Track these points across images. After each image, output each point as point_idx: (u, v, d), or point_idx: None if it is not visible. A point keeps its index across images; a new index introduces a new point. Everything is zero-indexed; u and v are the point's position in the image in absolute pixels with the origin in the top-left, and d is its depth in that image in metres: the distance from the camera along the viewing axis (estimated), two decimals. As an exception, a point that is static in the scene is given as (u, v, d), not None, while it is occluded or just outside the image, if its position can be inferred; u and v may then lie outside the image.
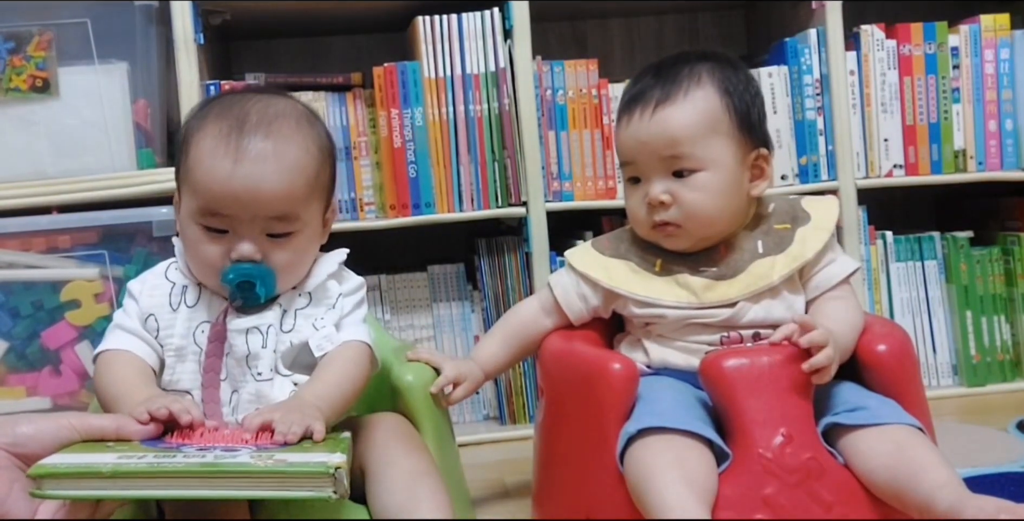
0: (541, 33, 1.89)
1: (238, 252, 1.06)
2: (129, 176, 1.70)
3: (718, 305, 1.18)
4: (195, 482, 0.87)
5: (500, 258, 1.85)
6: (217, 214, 1.06)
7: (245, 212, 1.06)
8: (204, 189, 1.06)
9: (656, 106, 1.18)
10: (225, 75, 1.85)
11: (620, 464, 1.07)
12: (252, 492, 0.88)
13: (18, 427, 0.92)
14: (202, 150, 1.07)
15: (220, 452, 0.91)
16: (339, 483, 0.88)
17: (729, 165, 1.18)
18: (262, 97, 1.12)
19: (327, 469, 0.87)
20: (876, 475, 1.03)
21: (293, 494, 0.88)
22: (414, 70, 1.79)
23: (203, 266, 1.09)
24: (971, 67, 1.91)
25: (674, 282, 1.20)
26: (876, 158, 1.89)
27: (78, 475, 0.86)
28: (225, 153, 1.05)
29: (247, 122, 1.07)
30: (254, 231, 1.07)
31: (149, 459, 0.88)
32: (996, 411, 1.77)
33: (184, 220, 1.10)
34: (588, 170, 1.85)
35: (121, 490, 0.87)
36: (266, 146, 1.06)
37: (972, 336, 1.92)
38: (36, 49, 1.70)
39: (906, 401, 1.12)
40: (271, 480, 0.87)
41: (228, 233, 1.07)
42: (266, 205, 1.06)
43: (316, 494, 0.88)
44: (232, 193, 1.05)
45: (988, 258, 1.93)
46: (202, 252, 1.08)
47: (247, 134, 1.06)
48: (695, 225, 1.19)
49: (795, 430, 1.05)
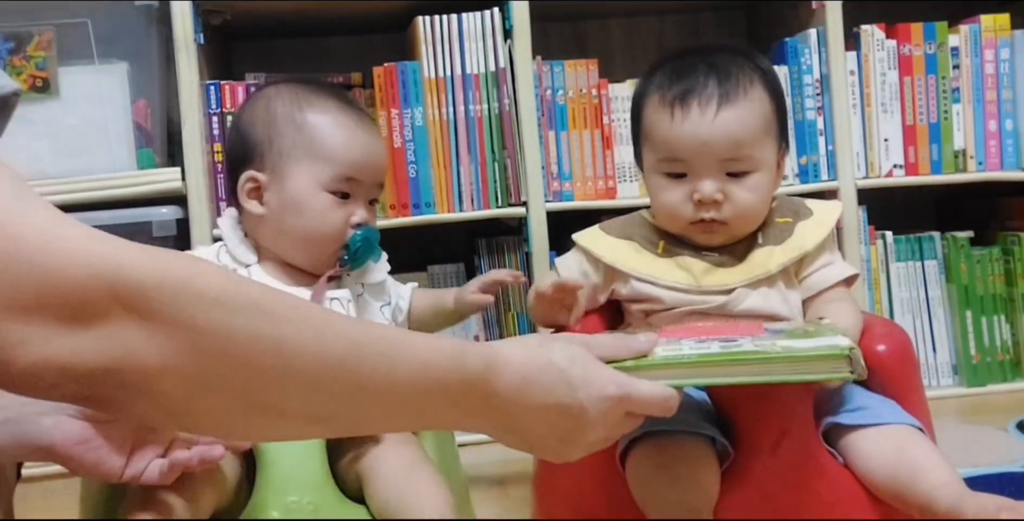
0: (541, 33, 1.88)
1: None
2: (129, 176, 1.70)
3: (715, 291, 1.18)
4: (727, 369, 0.90)
5: (500, 258, 1.85)
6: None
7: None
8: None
9: (719, 106, 1.15)
10: (225, 75, 1.85)
11: (621, 464, 1.07)
12: (774, 377, 0.90)
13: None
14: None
15: (721, 343, 0.94)
16: (856, 363, 0.89)
17: (772, 165, 1.19)
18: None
19: (841, 350, 0.89)
20: (876, 475, 1.03)
21: (809, 377, 0.91)
22: (414, 70, 1.79)
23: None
24: (971, 67, 1.91)
25: (674, 264, 1.20)
26: (876, 158, 1.89)
27: (664, 366, 0.90)
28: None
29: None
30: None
31: (686, 351, 0.92)
32: (996, 411, 1.76)
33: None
34: (588, 170, 1.85)
35: (689, 379, 0.91)
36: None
37: (972, 336, 1.92)
38: (36, 49, 1.70)
39: (906, 401, 1.11)
40: (788, 364, 0.90)
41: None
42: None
43: (832, 375, 0.90)
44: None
45: (988, 258, 1.93)
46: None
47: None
48: (741, 223, 1.18)
49: (796, 430, 1.05)
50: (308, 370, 0.67)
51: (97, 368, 0.58)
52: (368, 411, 0.73)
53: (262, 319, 0.64)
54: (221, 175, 1.77)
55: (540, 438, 0.83)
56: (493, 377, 0.78)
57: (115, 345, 0.58)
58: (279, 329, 0.65)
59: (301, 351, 0.66)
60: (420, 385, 0.74)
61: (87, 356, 0.57)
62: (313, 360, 0.67)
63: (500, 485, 1.51)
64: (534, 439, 0.83)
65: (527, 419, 0.81)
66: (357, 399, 0.71)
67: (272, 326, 0.65)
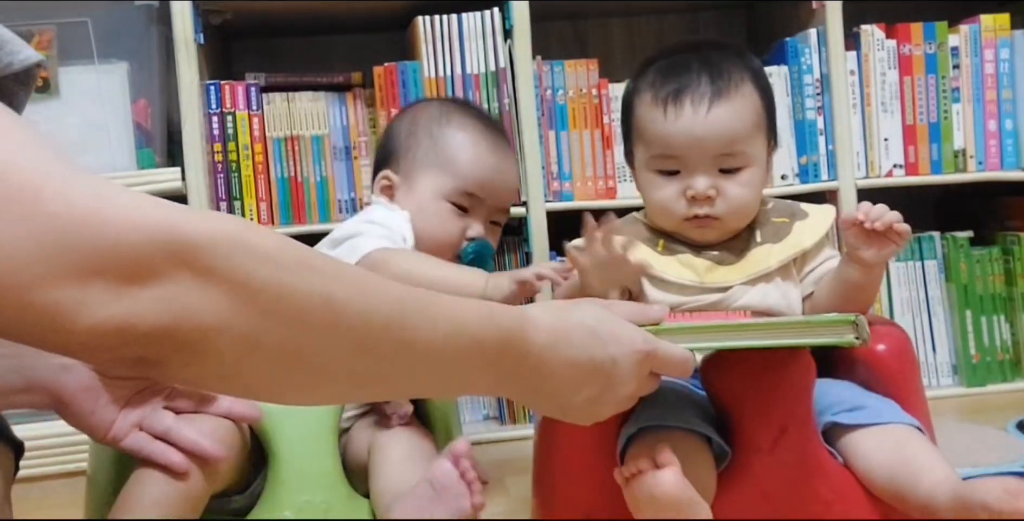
0: (541, 33, 1.88)
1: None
2: (129, 176, 1.70)
3: (717, 288, 1.18)
4: (739, 334, 0.96)
5: (500, 258, 1.85)
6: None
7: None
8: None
9: (712, 102, 1.16)
10: (225, 75, 1.85)
11: (620, 463, 1.07)
12: (783, 340, 0.95)
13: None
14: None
15: (724, 320, 1.01)
16: (861, 329, 0.92)
17: (763, 161, 1.20)
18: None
19: (848, 318, 0.93)
20: (876, 475, 1.03)
21: (817, 340, 0.94)
22: (414, 70, 1.79)
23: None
24: (971, 67, 1.91)
25: (677, 261, 1.20)
26: (876, 158, 1.89)
27: (679, 331, 0.94)
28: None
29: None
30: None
31: (697, 323, 0.99)
32: (996, 411, 1.76)
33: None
34: (588, 170, 1.85)
35: (703, 342, 0.95)
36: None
37: (972, 336, 1.91)
38: (36, 49, 1.69)
39: (906, 401, 1.11)
40: (796, 330, 0.95)
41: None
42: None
43: (839, 340, 0.93)
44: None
45: (988, 258, 1.93)
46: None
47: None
48: (734, 219, 1.19)
49: (795, 429, 1.05)
50: (356, 328, 0.67)
51: (155, 328, 0.58)
52: (410, 372, 0.74)
53: (313, 276, 0.65)
54: (221, 175, 1.77)
55: (572, 399, 0.84)
56: (526, 337, 0.79)
57: (172, 304, 0.58)
58: (328, 286, 0.66)
59: (349, 309, 0.67)
60: (459, 344, 0.74)
61: (145, 316, 0.57)
62: (360, 319, 0.68)
63: (500, 485, 1.51)
64: (566, 401, 0.84)
65: (560, 379, 0.82)
66: (400, 359, 0.71)
67: (323, 283, 0.65)
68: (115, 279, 0.56)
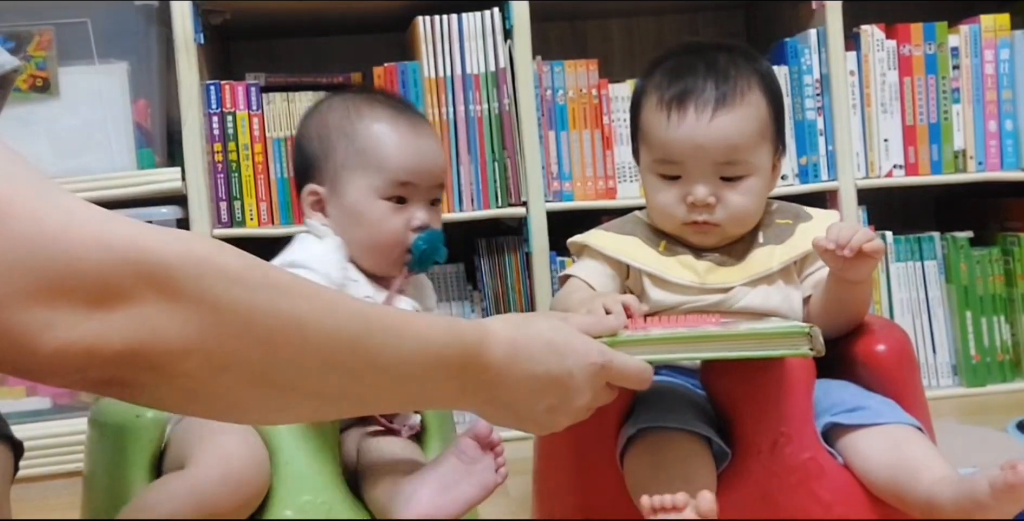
0: (541, 33, 1.89)
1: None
2: (129, 176, 1.71)
3: (717, 289, 1.18)
4: (696, 346, 0.97)
5: (500, 258, 1.85)
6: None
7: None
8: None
9: (715, 110, 1.15)
10: (225, 75, 1.85)
11: (620, 464, 1.07)
12: (739, 352, 0.97)
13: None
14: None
15: (686, 329, 1.00)
16: (815, 340, 0.94)
17: (768, 168, 1.19)
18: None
19: (801, 329, 0.96)
20: (876, 475, 1.03)
21: (770, 352, 0.97)
22: (414, 70, 1.79)
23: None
24: (971, 67, 1.91)
25: (678, 262, 1.20)
26: (876, 158, 1.89)
27: (636, 343, 0.95)
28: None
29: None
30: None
31: (655, 334, 0.98)
32: (996, 411, 1.76)
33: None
34: (588, 170, 1.85)
35: (659, 354, 0.96)
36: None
37: (972, 336, 1.91)
38: (36, 49, 1.70)
39: (906, 401, 1.11)
40: (752, 341, 0.96)
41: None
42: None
43: (793, 351, 0.96)
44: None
45: (988, 258, 1.93)
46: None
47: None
48: (734, 225, 1.18)
49: (794, 430, 1.05)
50: (324, 347, 0.68)
51: (123, 350, 0.58)
52: (376, 388, 0.75)
53: (281, 297, 0.65)
54: (221, 175, 1.77)
55: (530, 410, 0.86)
56: (486, 350, 0.81)
57: (141, 326, 0.58)
58: (297, 307, 0.66)
59: (318, 328, 0.67)
60: (423, 359, 0.76)
61: (113, 338, 0.57)
62: (328, 337, 0.68)
63: (500, 484, 1.51)
64: (524, 412, 0.86)
65: (518, 390, 0.84)
66: (367, 376, 0.72)
67: (290, 304, 0.66)
68: (84, 301, 0.56)
